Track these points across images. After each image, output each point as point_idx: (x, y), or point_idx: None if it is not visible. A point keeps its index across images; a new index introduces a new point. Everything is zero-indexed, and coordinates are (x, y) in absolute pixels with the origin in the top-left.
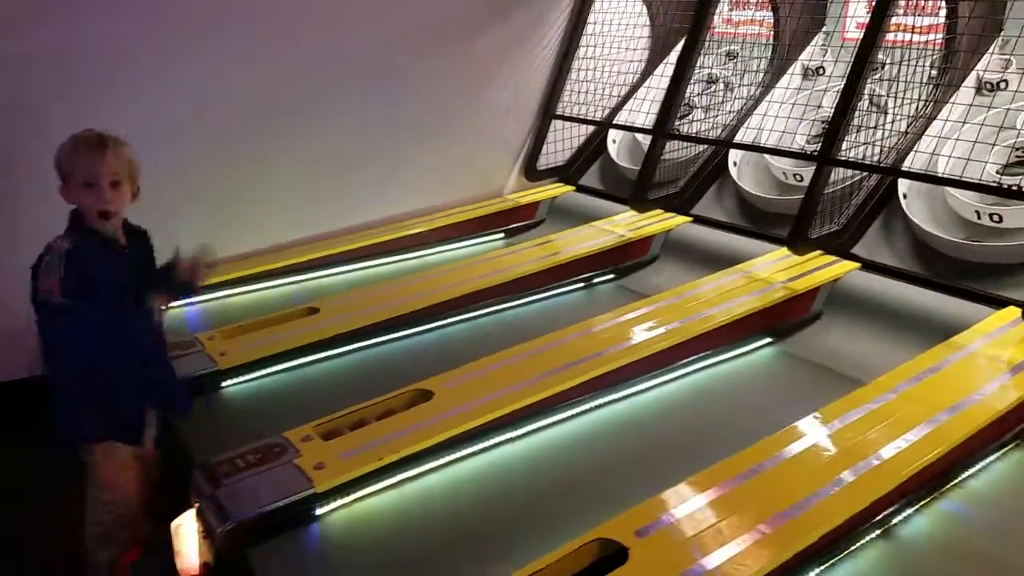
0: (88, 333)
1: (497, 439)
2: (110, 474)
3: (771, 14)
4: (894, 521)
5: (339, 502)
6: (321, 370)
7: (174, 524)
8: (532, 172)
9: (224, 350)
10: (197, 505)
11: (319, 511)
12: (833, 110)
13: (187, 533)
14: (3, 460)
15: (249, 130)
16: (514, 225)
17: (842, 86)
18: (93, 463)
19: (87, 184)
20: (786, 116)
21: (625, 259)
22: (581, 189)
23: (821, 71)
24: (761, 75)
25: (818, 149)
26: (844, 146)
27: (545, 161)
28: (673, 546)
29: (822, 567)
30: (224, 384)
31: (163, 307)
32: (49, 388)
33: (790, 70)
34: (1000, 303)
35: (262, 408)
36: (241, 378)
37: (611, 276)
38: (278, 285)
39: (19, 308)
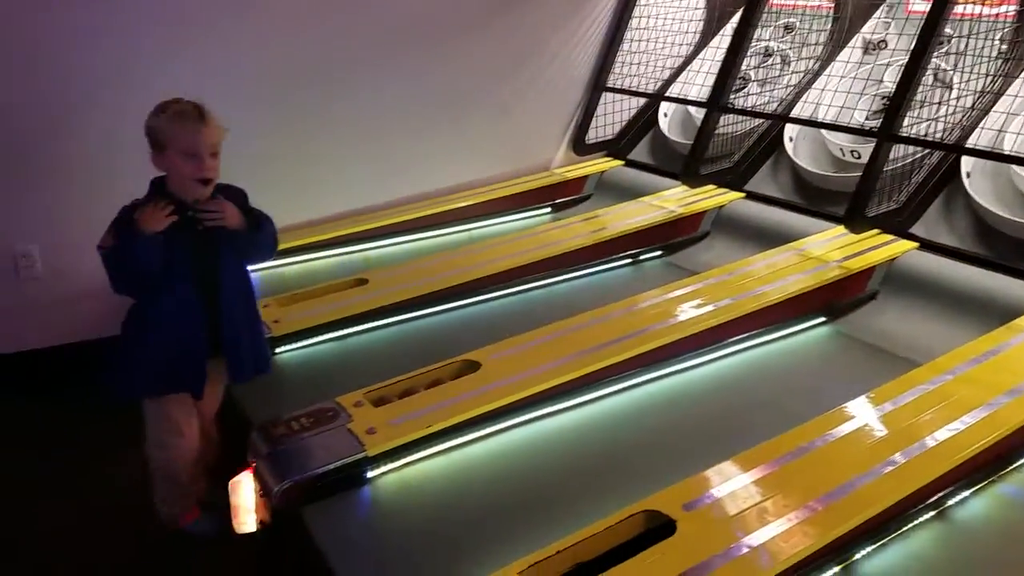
0: (137, 279)
1: (544, 411)
2: (156, 430)
3: None
4: (949, 503)
5: (389, 466)
6: (370, 339)
7: (232, 482)
8: (580, 146)
9: (277, 318)
10: (254, 465)
11: (370, 474)
12: (895, 85)
13: (244, 492)
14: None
15: (301, 104)
16: (561, 200)
17: (905, 60)
18: (149, 410)
19: (189, 154)
20: (845, 91)
21: (675, 235)
22: (630, 164)
23: (883, 45)
24: (820, 48)
25: (879, 125)
26: (906, 122)
27: (594, 135)
28: (721, 521)
29: (875, 546)
30: (278, 350)
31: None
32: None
33: (851, 43)
34: None
35: (314, 374)
36: (294, 345)
37: (660, 253)
38: (328, 256)
39: (74, 276)
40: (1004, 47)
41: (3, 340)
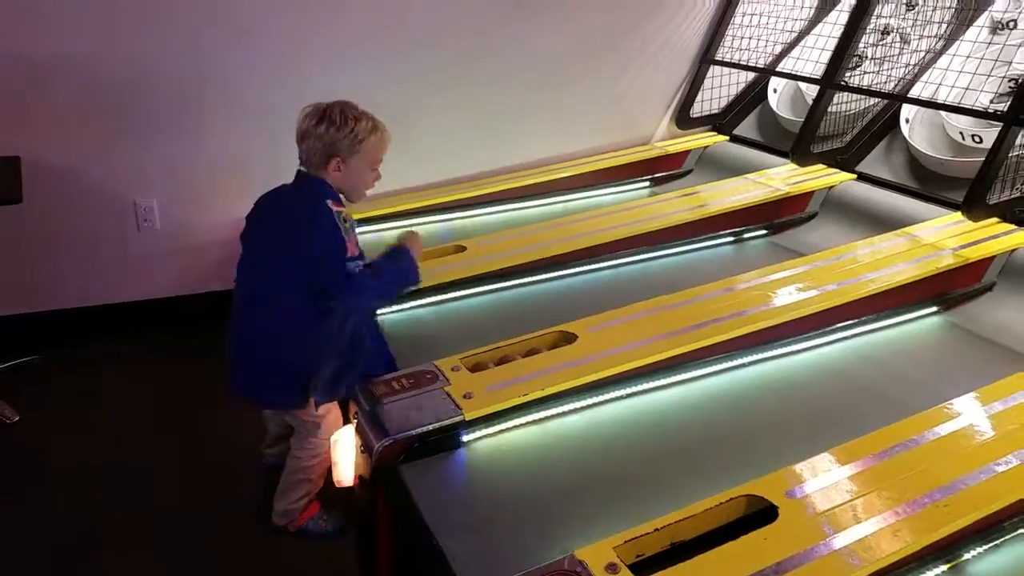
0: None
1: (641, 387)
2: (331, 430)
3: None
4: None
5: (485, 431)
6: (468, 306)
7: (333, 437)
8: (685, 120)
9: None
10: (356, 421)
11: (466, 438)
12: None
13: (345, 447)
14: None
15: (406, 70)
16: (661, 174)
17: None
18: (317, 418)
19: (375, 165)
20: (970, 72)
21: (780, 214)
22: (735, 139)
23: (1013, 25)
24: (943, 27)
25: (1005, 109)
26: None
27: (699, 109)
28: (824, 511)
29: (986, 547)
30: (380, 313)
31: None
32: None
33: (978, 22)
34: None
35: (415, 337)
36: (395, 307)
37: (764, 232)
38: (428, 222)
39: (201, 227)
40: None
41: (124, 289)
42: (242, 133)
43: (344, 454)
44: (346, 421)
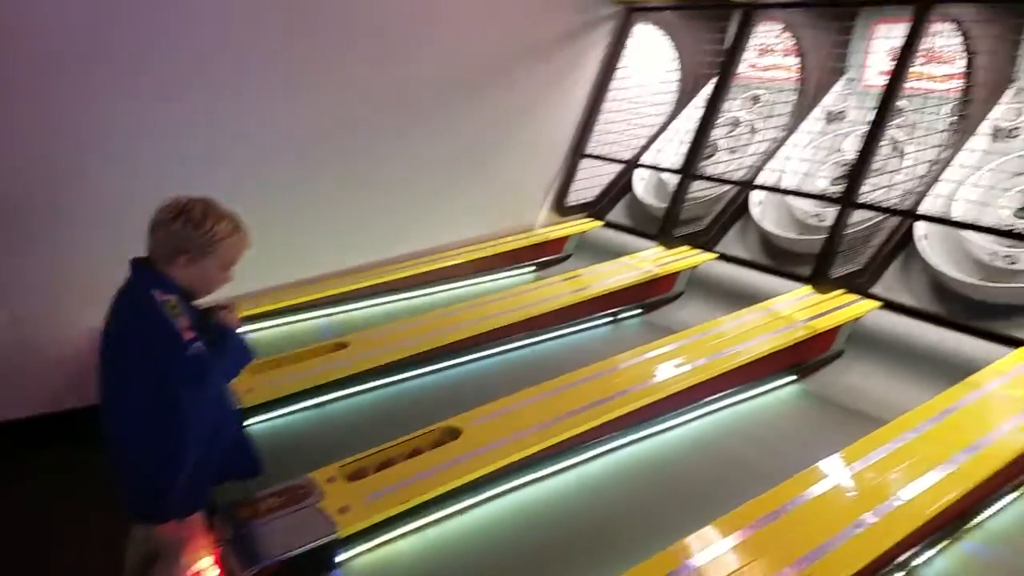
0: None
1: (524, 479)
2: (193, 544)
3: (797, 60)
4: (915, 563)
5: (362, 547)
6: (348, 406)
7: (194, 568)
8: (561, 207)
9: (250, 387)
10: (220, 548)
11: (341, 557)
12: (855, 154)
13: None
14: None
15: (281, 169)
16: (544, 259)
17: (864, 130)
18: (176, 534)
19: (228, 266)
20: (808, 159)
21: (651, 294)
22: (609, 225)
23: (843, 116)
24: (785, 118)
25: (840, 191)
26: (865, 188)
27: (574, 197)
28: None
29: None
30: (249, 422)
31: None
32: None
33: (813, 114)
34: (1016, 343)
35: (288, 447)
36: (266, 415)
37: (638, 311)
38: (307, 319)
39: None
40: (952, 119)
41: None
42: (95, 240)
43: None
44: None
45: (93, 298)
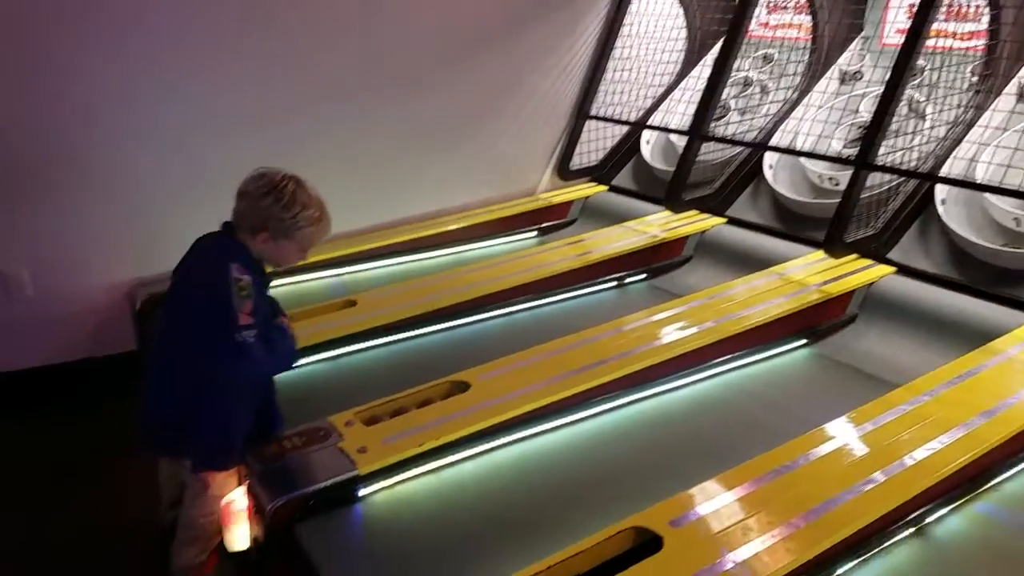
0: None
1: (532, 430)
2: (226, 491)
3: (809, 18)
4: (928, 520)
5: (380, 485)
6: (361, 360)
7: (224, 501)
8: (565, 172)
9: None
10: (248, 483)
11: (362, 492)
12: (871, 115)
13: (237, 510)
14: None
15: (291, 130)
16: (547, 224)
17: (880, 91)
18: (213, 479)
19: (303, 252)
20: (823, 120)
21: (658, 259)
22: (614, 189)
23: (859, 76)
24: (798, 79)
25: (855, 153)
26: (881, 151)
27: (579, 161)
28: (706, 537)
29: (855, 562)
30: None
31: None
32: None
33: (827, 74)
34: None
35: (306, 394)
36: None
37: (644, 276)
38: (317, 278)
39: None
40: (975, 79)
41: None
42: (119, 200)
43: (236, 518)
44: (239, 481)
45: (114, 258)
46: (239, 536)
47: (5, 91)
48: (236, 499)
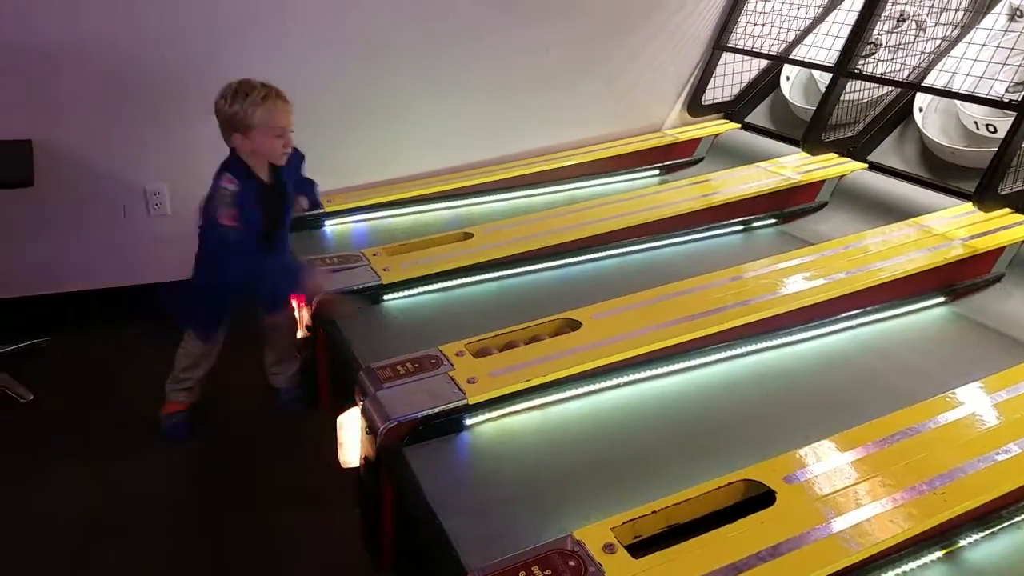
0: (240, 256)
1: (644, 374)
2: (197, 350)
3: None
4: None
5: (487, 415)
6: (474, 292)
7: (339, 419)
8: (696, 107)
9: (387, 266)
10: (361, 404)
11: (469, 421)
12: None
13: (351, 429)
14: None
15: (412, 60)
16: (671, 162)
17: None
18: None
19: (278, 134)
20: (986, 60)
21: (791, 204)
22: (747, 127)
23: None
24: (960, 14)
25: (1021, 97)
26: None
27: (711, 96)
28: (822, 495)
29: (981, 535)
30: (386, 297)
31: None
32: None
33: (996, 9)
34: None
35: (419, 322)
36: (401, 293)
37: (773, 221)
38: (434, 209)
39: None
40: None
41: (134, 272)
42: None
43: (349, 436)
44: (351, 402)
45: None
46: (351, 453)
47: (150, 11)
48: (349, 418)
